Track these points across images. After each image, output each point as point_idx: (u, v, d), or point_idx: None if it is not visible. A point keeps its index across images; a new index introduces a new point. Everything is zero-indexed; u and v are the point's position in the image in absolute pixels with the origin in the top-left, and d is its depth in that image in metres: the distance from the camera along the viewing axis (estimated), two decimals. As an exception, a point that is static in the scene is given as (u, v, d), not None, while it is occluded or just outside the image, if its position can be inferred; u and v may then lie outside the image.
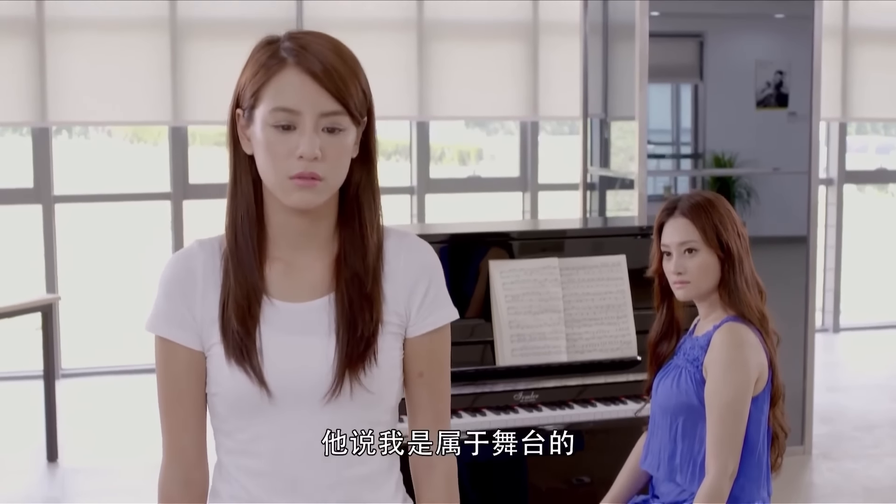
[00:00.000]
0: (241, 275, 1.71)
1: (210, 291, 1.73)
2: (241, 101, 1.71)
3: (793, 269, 5.20)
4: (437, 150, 10.52)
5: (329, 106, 1.64)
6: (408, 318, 1.76)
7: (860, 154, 11.84)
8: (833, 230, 8.11)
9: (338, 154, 1.66)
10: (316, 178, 1.64)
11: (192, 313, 1.72)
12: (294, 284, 1.73)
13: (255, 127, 1.67)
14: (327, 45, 1.68)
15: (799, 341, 5.20)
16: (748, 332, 2.65)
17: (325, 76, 1.64)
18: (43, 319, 5.13)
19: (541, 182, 7.54)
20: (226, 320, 1.70)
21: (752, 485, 2.67)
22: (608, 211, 5.84)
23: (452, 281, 3.54)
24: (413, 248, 1.78)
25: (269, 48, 1.69)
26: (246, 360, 1.68)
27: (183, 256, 1.76)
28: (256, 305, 1.70)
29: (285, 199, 1.66)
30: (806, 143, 5.19)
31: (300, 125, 1.64)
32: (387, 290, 1.74)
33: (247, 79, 1.69)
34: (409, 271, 1.76)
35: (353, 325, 1.69)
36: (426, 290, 1.77)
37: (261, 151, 1.67)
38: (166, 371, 1.75)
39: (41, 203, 6.67)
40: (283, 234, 1.73)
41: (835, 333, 8.11)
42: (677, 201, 2.75)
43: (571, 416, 3.41)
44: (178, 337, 1.73)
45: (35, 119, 6.48)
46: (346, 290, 1.71)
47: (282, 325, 1.71)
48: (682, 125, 5.56)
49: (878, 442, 5.45)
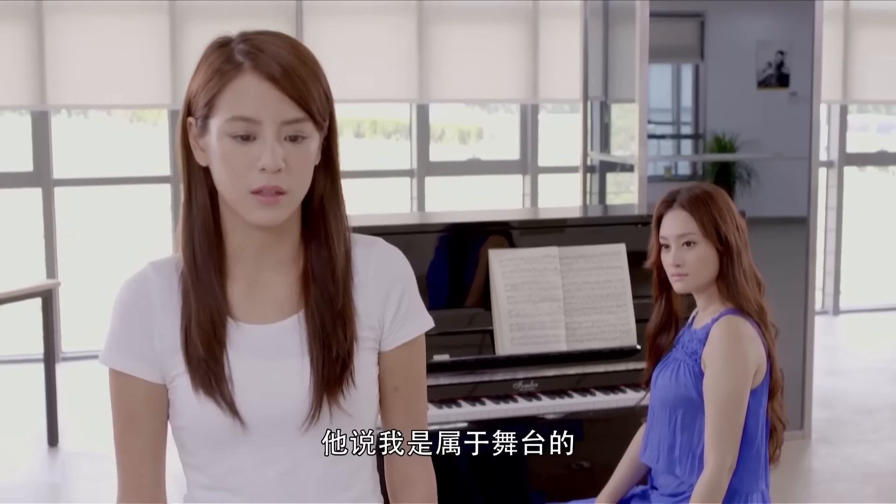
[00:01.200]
0: (202, 297, 1.58)
1: (169, 318, 1.59)
2: (193, 110, 1.57)
3: (793, 250, 5.20)
4: (437, 129, 10.51)
5: (291, 113, 1.52)
6: (382, 331, 1.66)
7: (861, 133, 11.83)
8: (833, 212, 8.10)
9: (302, 164, 1.54)
10: (280, 193, 1.52)
11: (151, 343, 1.59)
12: (259, 304, 1.62)
13: (210, 137, 1.54)
14: (285, 45, 1.55)
15: (798, 324, 5.20)
16: (746, 325, 2.65)
17: (285, 80, 1.51)
18: (43, 304, 5.13)
19: (541, 165, 7.53)
20: (190, 348, 1.57)
21: (751, 477, 2.68)
22: (608, 193, 5.83)
23: (452, 269, 3.55)
24: (383, 256, 1.68)
25: (222, 51, 1.55)
26: (215, 390, 1.56)
27: (136, 282, 1.62)
28: (222, 329, 1.58)
29: (247, 215, 1.54)
30: (807, 123, 5.18)
31: (260, 135, 1.52)
32: (359, 304, 1.63)
33: (199, 85, 1.56)
34: (380, 282, 1.65)
35: (327, 345, 1.58)
36: (399, 301, 1.66)
37: (218, 164, 1.54)
38: (123, 406, 1.61)
39: (41, 186, 6.66)
40: (245, 250, 1.60)
41: (835, 316, 8.12)
42: (676, 194, 2.75)
43: (571, 406, 3.41)
44: (136, 370, 1.59)
45: (34, 102, 6.46)
46: (316, 308, 1.59)
47: (251, 349, 1.59)
48: (683, 105, 5.54)
49: (877, 426, 5.46)
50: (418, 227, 3.67)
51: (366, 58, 6.90)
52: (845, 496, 4.56)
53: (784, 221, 5.30)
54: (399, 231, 3.54)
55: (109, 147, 11.65)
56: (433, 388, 3.35)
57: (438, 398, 3.35)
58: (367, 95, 7.11)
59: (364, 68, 6.89)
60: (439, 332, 3.41)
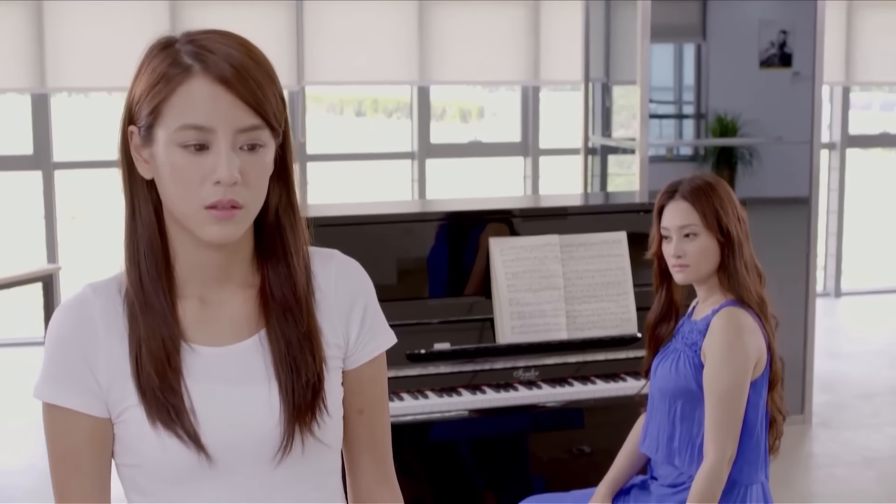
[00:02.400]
0: (151, 321, 1.43)
1: (115, 345, 1.44)
2: (136, 118, 1.43)
3: (794, 231, 5.20)
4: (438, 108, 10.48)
5: (246, 120, 1.38)
6: (346, 349, 1.54)
7: (864, 111, 11.80)
8: (835, 194, 8.09)
9: (259, 175, 1.41)
10: (236, 207, 1.39)
11: (95, 375, 1.43)
12: (214, 325, 1.48)
13: (157, 148, 1.40)
14: (235, 45, 1.41)
15: (800, 306, 5.20)
16: (746, 317, 2.65)
17: (239, 83, 1.38)
18: (44, 289, 5.13)
19: (542, 147, 7.51)
20: (143, 378, 1.42)
21: (751, 468, 2.68)
22: (610, 175, 5.82)
23: (452, 258, 3.54)
24: (343, 270, 1.56)
25: (167, 53, 1.41)
26: (176, 422, 1.41)
27: (75, 306, 1.46)
28: (176, 355, 1.43)
29: (200, 232, 1.40)
30: (809, 102, 5.16)
31: (214, 144, 1.38)
32: (322, 323, 1.51)
33: (142, 91, 1.41)
34: (341, 296, 1.53)
35: (295, 369, 1.45)
36: (363, 315, 1.54)
37: (167, 177, 1.40)
38: (63, 444, 1.45)
39: (41, 169, 6.65)
40: (195, 269, 1.47)
41: (836, 298, 8.12)
42: (678, 184, 2.74)
43: (571, 394, 3.41)
44: (77, 404, 1.43)
45: (34, 85, 6.44)
46: (280, 330, 1.47)
47: (209, 374, 1.45)
48: (685, 85, 5.52)
49: (877, 411, 5.46)
50: (419, 215, 3.66)
51: (366, 39, 6.87)
52: (846, 481, 4.57)
53: (785, 202, 5.29)
54: (400, 219, 3.53)
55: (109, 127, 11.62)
56: (434, 376, 3.36)
57: (439, 387, 3.35)
58: (368, 77, 7.08)
59: (365, 50, 6.87)
60: (440, 320, 3.43)
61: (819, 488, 4.53)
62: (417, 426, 3.31)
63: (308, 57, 6.74)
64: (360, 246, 3.45)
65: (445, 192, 9.15)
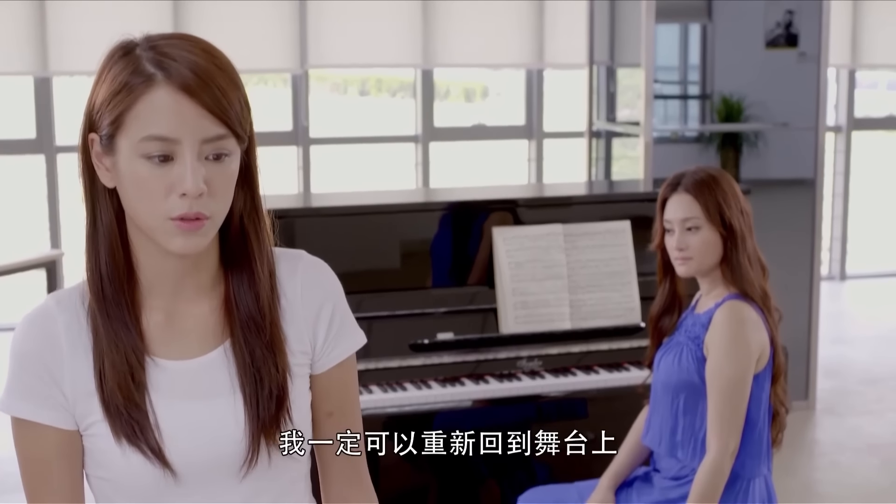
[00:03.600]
0: (114, 335, 1.41)
1: (80, 359, 1.42)
2: (97, 126, 1.39)
3: (799, 212, 5.19)
4: (442, 87, 10.45)
5: (211, 129, 1.35)
6: (313, 354, 1.51)
7: (870, 90, 11.76)
8: (841, 177, 8.06)
9: (225, 185, 1.39)
10: (201, 218, 1.36)
11: (61, 388, 1.41)
12: (179, 338, 1.45)
13: (119, 157, 1.37)
14: (197, 50, 1.38)
15: (804, 289, 5.19)
16: (749, 311, 2.63)
17: (202, 91, 1.34)
18: (48, 275, 5.13)
19: (546, 130, 7.48)
20: (107, 394, 1.40)
21: (753, 461, 2.67)
22: (614, 158, 5.80)
23: (455, 247, 3.53)
24: (309, 271, 1.52)
25: (127, 60, 1.38)
26: (140, 439, 1.39)
27: (39, 319, 1.44)
28: (140, 370, 1.41)
29: (166, 243, 1.38)
30: (815, 84, 5.14)
31: (178, 155, 1.35)
32: (288, 329, 1.48)
33: (103, 100, 1.38)
34: (308, 300, 1.50)
35: (259, 380, 1.43)
36: (330, 318, 1.51)
37: (130, 188, 1.37)
38: (32, 457, 1.43)
39: (44, 153, 6.64)
40: (159, 279, 1.44)
41: (841, 281, 8.10)
42: (681, 177, 2.72)
43: (574, 384, 3.41)
44: (44, 417, 1.41)
45: (36, 69, 6.43)
46: (243, 338, 1.44)
47: (175, 388, 1.43)
48: (690, 66, 5.49)
49: (881, 397, 5.45)
50: (422, 205, 3.64)
51: (370, 22, 6.84)
52: (849, 469, 4.56)
53: (791, 184, 5.27)
54: (403, 209, 3.52)
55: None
56: (437, 366, 3.35)
57: (442, 377, 3.34)
58: (372, 60, 7.06)
59: (368, 32, 6.84)
60: (443, 309, 3.42)
61: (822, 476, 4.52)
62: (420, 416, 3.31)
63: (311, 40, 6.70)
64: (364, 235, 3.45)
65: (449, 176, 9.14)
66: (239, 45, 6.30)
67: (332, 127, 8.85)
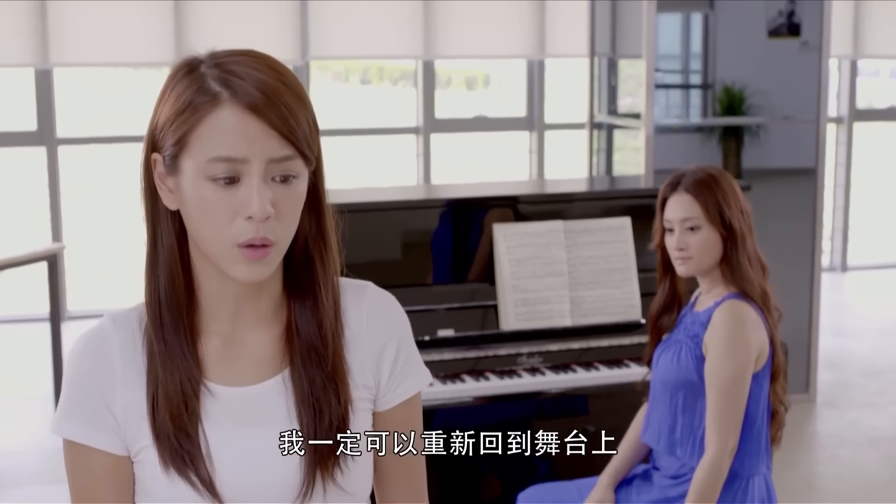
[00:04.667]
0: (169, 361, 1.36)
1: (133, 382, 1.38)
2: (160, 145, 1.34)
3: (801, 202, 5.19)
4: (443, 76, 10.44)
5: (279, 150, 1.30)
6: (377, 390, 1.45)
7: (873, 78, 11.73)
8: (843, 169, 8.05)
9: (292, 208, 1.34)
10: (268, 245, 1.31)
11: (112, 411, 1.37)
12: (237, 364, 1.40)
13: (183, 179, 1.32)
14: (264, 67, 1.33)
15: (805, 280, 5.19)
16: (749, 310, 2.64)
17: (270, 110, 1.29)
18: (49, 269, 5.13)
19: (548, 122, 7.48)
20: (158, 422, 1.36)
21: (752, 459, 2.68)
22: (615, 149, 5.79)
23: (456, 244, 3.53)
24: (376, 304, 1.46)
25: (192, 78, 1.33)
26: (190, 468, 1.34)
27: (94, 339, 1.40)
28: (194, 399, 1.36)
29: (230, 270, 1.33)
30: (816, 75, 5.13)
31: (245, 176, 1.30)
32: (351, 361, 1.42)
33: (167, 118, 1.33)
34: (374, 333, 1.44)
35: (318, 410, 1.38)
36: (396, 354, 1.45)
37: (194, 211, 1.32)
38: (82, 481, 1.39)
39: (45, 145, 6.64)
40: (220, 304, 1.39)
41: (843, 273, 8.10)
42: (681, 177, 2.72)
43: (574, 381, 3.41)
44: (95, 441, 1.37)
45: (37, 61, 6.42)
46: (303, 367, 1.39)
47: (229, 416, 1.38)
48: (692, 55, 5.48)
49: (882, 389, 5.45)
50: (423, 202, 3.64)
51: (371, 13, 6.83)
52: (849, 462, 4.57)
53: (792, 174, 5.27)
54: (404, 206, 3.52)
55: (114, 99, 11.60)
56: (437, 363, 3.36)
57: (443, 373, 3.35)
58: (373, 52, 7.06)
59: (369, 24, 6.83)
60: (444, 306, 3.42)
61: (822, 469, 4.53)
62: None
63: (313, 31, 6.70)
64: (365, 232, 3.45)
65: (450, 168, 9.13)
66: (240, 37, 6.30)
67: (334, 117, 8.84)
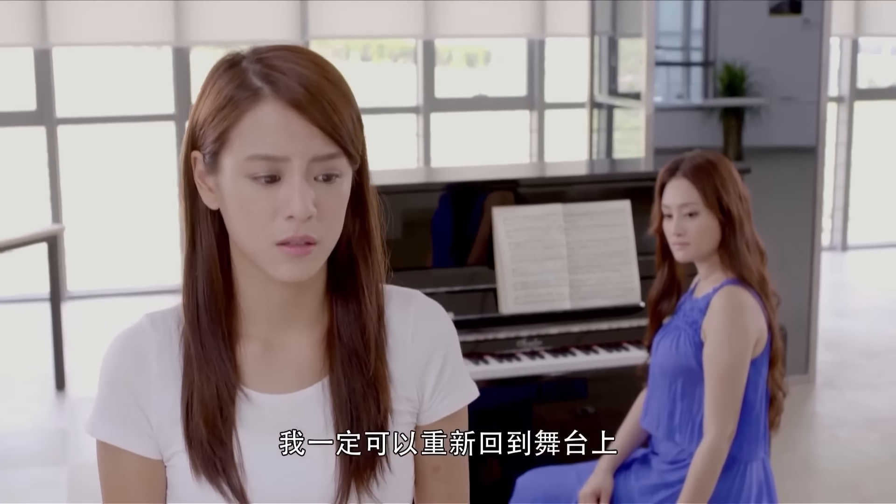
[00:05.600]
0: (206, 366, 1.33)
1: (168, 385, 1.35)
2: (200, 143, 1.30)
3: (801, 180, 5.18)
4: (444, 53, 10.40)
5: (322, 147, 1.26)
6: (420, 403, 1.40)
7: (874, 55, 11.70)
8: (843, 148, 8.04)
9: (335, 207, 1.29)
10: (310, 243, 1.27)
11: (146, 414, 1.34)
12: (276, 370, 1.36)
13: (223, 177, 1.29)
14: (307, 62, 1.28)
15: (805, 259, 5.19)
16: (747, 296, 2.64)
17: (313, 107, 1.24)
18: (49, 249, 5.13)
19: (548, 101, 7.46)
20: (192, 428, 1.32)
21: (751, 445, 2.69)
22: (616, 128, 5.78)
23: (455, 228, 3.53)
24: (422, 313, 1.41)
25: (233, 73, 1.28)
26: (221, 476, 1.31)
27: (132, 338, 1.36)
28: (230, 405, 1.33)
29: (271, 270, 1.29)
30: (817, 50, 5.12)
31: (286, 174, 1.26)
32: (394, 371, 1.37)
33: (207, 115, 1.29)
34: (419, 344, 1.39)
35: (357, 419, 1.33)
36: (441, 367, 1.40)
37: (234, 210, 1.28)
38: (113, 483, 1.37)
39: (44, 125, 6.63)
40: (260, 307, 1.35)
41: (843, 252, 8.09)
42: (680, 162, 2.72)
43: (574, 365, 3.42)
44: (128, 443, 1.35)
45: (36, 40, 6.40)
46: (343, 373, 1.34)
47: (264, 424, 1.34)
48: (693, 31, 5.46)
49: (882, 370, 5.45)
50: (422, 185, 3.64)
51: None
52: (848, 443, 4.57)
53: (793, 151, 5.27)
54: (402, 190, 3.51)
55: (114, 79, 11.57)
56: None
57: (441, 357, 3.35)
58: (373, 31, 7.04)
59: (369, 2, 6.81)
60: (443, 289, 3.42)
61: (821, 451, 4.54)
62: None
63: (312, 10, 6.67)
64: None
65: (450, 147, 9.12)
66: (240, 16, 6.27)
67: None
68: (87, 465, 4.38)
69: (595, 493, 2.79)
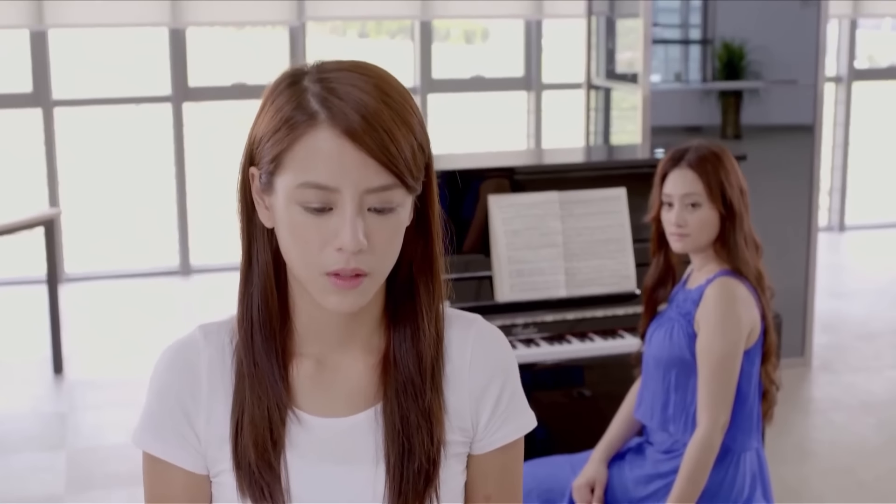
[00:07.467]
0: (258, 384, 1.30)
1: (218, 400, 1.32)
2: (257, 160, 1.27)
3: (799, 160, 5.18)
4: (441, 29, 10.37)
5: (376, 179, 1.22)
6: (474, 433, 1.36)
7: (874, 31, 11.66)
8: (841, 128, 8.02)
9: (388, 240, 1.25)
10: (360, 275, 1.24)
11: (195, 429, 1.32)
12: (328, 392, 1.33)
13: (276, 199, 1.25)
14: (368, 86, 1.22)
15: (802, 240, 5.20)
16: (740, 287, 2.64)
17: (368, 136, 1.20)
18: (46, 234, 5.13)
19: (545, 82, 7.45)
20: (240, 449, 1.29)
21: (744, 435, 2.70)
22: (613, 108, 5.76)
23: (451, 214, 3.52)
24: (482, 340, 1.37)
25: (293, 92, 1.24)
26: (267, 501, 1.28)
27: (183, 350, 1.34)
28: (280, 427, 1.29)
29: (320, 299, 1.26)
30: (815, 30, 5.11)
31: (338, 205, 1.22)
32: (449, 400, 1.33)
33: (265, 132, 1.26)
34: (476, 372, 1.35)
35: (409, 449, 1.29)
36: (498, 397, 1.35)
37: (285, 234, 1.25)
38: (158, 495, 1.35)
39: (40, 107, 6.61)
40: (314, 326, 1.32)
41: (840, 232, 8.09)
42: (684, 152, 2.71)
43: (569, 353, 3.42)
44: (175, 458, 1.32)
45: (32, 22, 6.38)
46: (397, 401, 1.30)
47: (315, 448, 1.31)
48: (692, 9, 5.44)
49: (878, 353, 5.46)
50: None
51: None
52: (843, 427, 4.59)
53: (791, 130, 5.26)
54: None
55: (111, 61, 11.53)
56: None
57: (437, 345, 3.35)
58: (370, 12, 7.02)
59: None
60: (438, 277, 3.42)
61: (816, 434, 4.55)
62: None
63: (309, -9, 6.65)
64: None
65: (447, 128, 9.10)
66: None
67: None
68: (85, 449, 4.39)
69: (589, 483, 2.80)
